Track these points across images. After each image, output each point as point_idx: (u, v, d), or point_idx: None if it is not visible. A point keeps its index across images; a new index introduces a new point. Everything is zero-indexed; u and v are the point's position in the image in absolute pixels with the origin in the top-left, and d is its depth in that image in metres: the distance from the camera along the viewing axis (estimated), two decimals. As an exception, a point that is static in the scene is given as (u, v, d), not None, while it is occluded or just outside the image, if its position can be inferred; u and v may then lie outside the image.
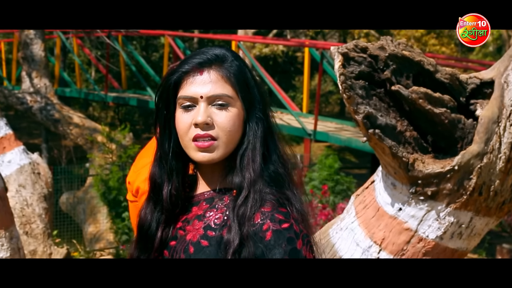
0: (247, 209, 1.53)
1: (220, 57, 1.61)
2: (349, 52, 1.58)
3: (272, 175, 1.60)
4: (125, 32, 13.46)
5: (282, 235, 1.50)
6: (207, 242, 1.56)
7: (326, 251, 2.24)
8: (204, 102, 1.57)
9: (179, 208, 1.66)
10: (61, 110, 11.08)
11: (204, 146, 1.56)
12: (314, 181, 9.96)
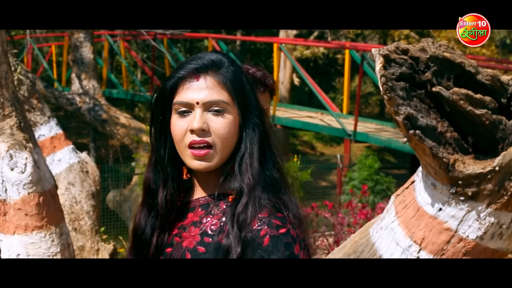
0: (247, 216, 1.50)
1: (217, 63, 1.58)
2: (390, 54, 1.56)
3: (268, 181, 1.57)
4: (170, 35, 13.55)
5: (279, 241, 1.48)
6: (204, 248, 1.54)
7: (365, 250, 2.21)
8: (200, 108, 1.54)
9: (174, 214, 1.64)
10: (109, 111, 11.19)
11: (201, 154, 1.53)
12: (354, 181, 9.93)
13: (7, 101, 3.66)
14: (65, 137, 6.58)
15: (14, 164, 3.64)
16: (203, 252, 1.53)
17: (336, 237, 7.93)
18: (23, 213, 3.67)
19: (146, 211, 1.65)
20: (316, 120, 11.87)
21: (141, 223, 1.65)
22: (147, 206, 1.65)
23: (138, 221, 1.66)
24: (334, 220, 8.12)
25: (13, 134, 3.66)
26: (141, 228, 1.65)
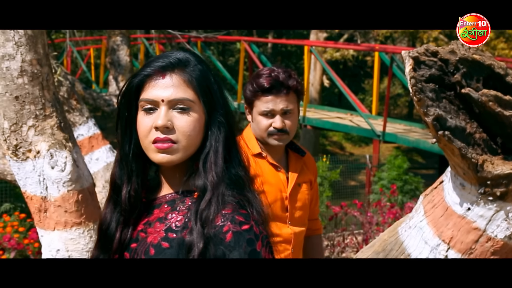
0: (210, 212, 1.47)
1: (183, 61, 1.56)
2: (420, 56, 1.55)
3: (233, 178, 1.55)
4: (204, 38, 13.60)
5: (242, 237, 1.45)
6: (167, 244, 1.51)
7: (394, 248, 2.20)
8: (165, 105, 1.52)
9: (137, 209, 1.61)
10: (144, 112, 11.26)
11: (164, 147, 1.51)
12: (383, 180, 9.88)
13: (48, 102, 3.70)
14: (102, 137, 6.64)
15: (55, 162, 3.68)
16: (166, 248, 1.51)
17: (365, 236, 7.90)
18: (63, 210, 3.71)
19: (111, 206, 1.63)
20: (345, 121, 11.83)
21: (107, 218, 1.63)
22: (112, 202, 1.63)
23: (104, 216, 1.64)
24: (363, 219, 8.09)
25: (53, 134, 3.71)
26: (106, 223, 1.63)
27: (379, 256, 2.05)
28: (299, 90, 2.70)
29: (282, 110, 2.66)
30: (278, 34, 26.44)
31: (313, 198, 2.88)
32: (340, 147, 26.02)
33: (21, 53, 3.58)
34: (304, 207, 2.77)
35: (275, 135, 2.69)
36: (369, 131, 10.79)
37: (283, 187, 2.74)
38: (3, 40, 3.58)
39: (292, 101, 2.68)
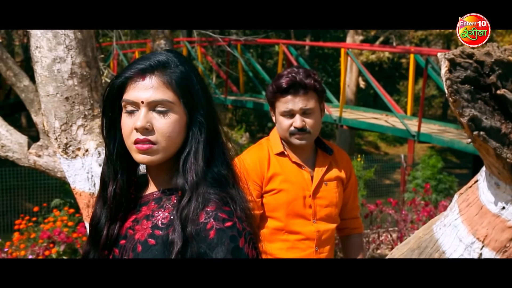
0: (190, 211, 1.45)
1: (163, 63, 1.53)
2: (455, 58, 1.53)
3: (216, 177, 1.53)
4: (244, 41, 13.62)
5: (225, 234, 1.43)
6: (154, 241, 1.50)
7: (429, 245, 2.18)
8: (145, 107, 1.50)
9: (123, 206, 1.61)
10: (186, 112, 11.32)
11: (143, 148, 1.50)
12: (417, 179, 9.81)
13: (96, 102, 3.75)
14: (146, 136, 6.70)
15: (102, 160, 3.72)
16: (153, 245, 1.50)
17: (400, 233, 7.85)
18: (109, 206, 3.76)
19: (101, 202, 1.63)
20: (381, 121, 11.75)
21: (97, 214, 1.63)
22: (102, 198, 1.63)
23: (94, 212, 1.64)
24: (397, 217, 8.05)
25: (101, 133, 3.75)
26: (96, 219, 1.62)
27: (414, 253, 2.04)
28: (318, 89, 2.66)
29: (301, 109, 2.64)
30: (315, 37, 26.36)
31: (349, 196, 2.85)
32: (375, 147, 25.86)
33: (71, 56, 3.63)
34: (332, 205, 2.73)
35: (296, 135, 2.67)
36: (404, 131, 10.69)
37: (306, 185, 2.71)
38: (54, 43, 3.64)
39: (311, 100, 2.65)
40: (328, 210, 2.72)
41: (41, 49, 3.65)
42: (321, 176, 2.73)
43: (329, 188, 2.73)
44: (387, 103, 11.34)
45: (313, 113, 2.66)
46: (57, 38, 3.65)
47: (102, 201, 1.62)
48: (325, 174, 2.74)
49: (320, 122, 2.72)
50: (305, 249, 2.71)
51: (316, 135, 2.71)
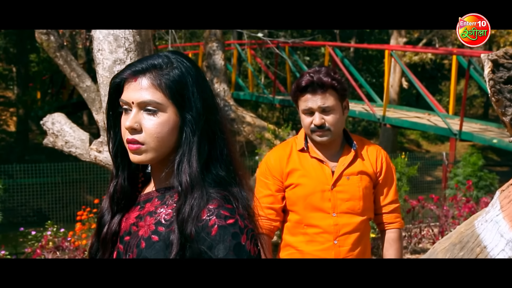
0: (185, 213, 1.41)
1: (157, 66, 1.49)
2: (498, 59, 1.51)
3: (215, 179, 1.47)
4: (292, 43, 13.61)
5: (227, 231, 1.40)
6: (157, 237, 1.46)
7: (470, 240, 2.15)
8: (136, 107, 1.47)
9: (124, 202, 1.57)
10: (236, 111, 11.38)
11: (133, 148, 1.47)
12: (458, 176, 9.67)
13: (152, 101, 3.79)
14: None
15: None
16: (156, 241, 1.46)
17: (441, 228, 7.77)
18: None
19: (108, 198, 1.60)
20: (423, 120, 11.59)
21: (103, 208, 1.59)
22: (108, 194, 1.60)
23: (101, 207, 1.61)
24: (439, 212, 7.96)
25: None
26: (101, 213, 1.59)
27: (456, 247, 2.02)
28: (337, 87, 2.64)
29: (319, 107, 2.63)
30: (360, 39, 26.18)
31: (382, 191, 2.76)
32: (417, 145, 25.58)
33: (131, 58, 3.67)
34: (355, 199, 2.68)
35: (316, 132, 2.67)
36: (446, 129, 10.53)
37: (325, 179, 2.69)
38: (115, 46, 3.69)
39: (330, 98, 2.64)
40: (350, 203, 2.68)
41: (102, 52, 3.71)
42: (342, 170, 2.70)
43: (351, 182, 2.69)
44: (430, 103, 11.18)
45: (333, 111, 2.65)
46: (117, 41, 3.71)
47: (108, 196, 1.59)
48: (347, 168, 2.70)
49: (341, 119, 2.69)
50: (324, 242, 2.69)
51: (337, 131, 2.69)
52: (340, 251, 2.67)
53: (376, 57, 26.72)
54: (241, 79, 17.68)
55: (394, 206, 2.77)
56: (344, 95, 2.68)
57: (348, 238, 2.67)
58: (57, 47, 8.00)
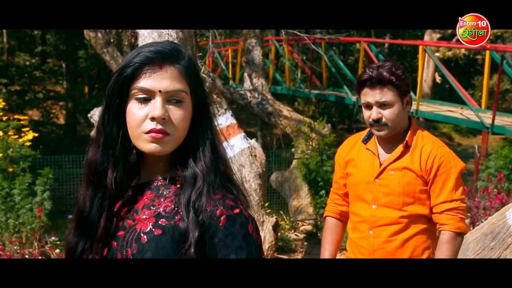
0: (202, 201, 1.36)
1: (179, 54, 1.42)
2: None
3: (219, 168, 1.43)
4: (328, 39, 13.54)
5: (235, 220, 1.36)
6: (160, 230, 1.37)
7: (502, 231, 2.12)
8: (162, 96, 1.37)
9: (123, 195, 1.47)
10: (274, 105, 11.37)
11: (158, 137, 1.36)
12: (490, 169, 9.50)
13: (193, 95, 3.82)
14: (238, 126, 6.78)
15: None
16: (160, 234, 1.37)
17: (472, 219, 7.66)
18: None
19: (91, 192, 1.45)
20: (456, 114, 11.43)
21: (86, 204, 1.45)
22: (92, 188, 1.45)
23: (83, 203, 1.45)
24: (470, 204, 7.85)
25: (198, 122, 3.82)
26: (86, 209, 1.45)
27: (487, 237, 1.99)
28: (395, 83, 2.58)
29: (377, 102, 2.60)
30: (394, 35, 25.87)
31: (434, 191, 2.62)
32: (449, 138, 25.25)
33: (173, 53, 3.70)
34: (394, 194, 2.61)
35: (374, 126, 2.64)
36: (478, 123, 10.37)
37: (372, 172, 2.67)
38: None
39: (388, 93, 2.59)
40: (390, 198, 2.62)
41: (147, 48, 3.75)
42: (387, 165, 2.65)
43: (394, 176, 2.63)
44: (462, 97, 11.02)
45: (390, 106, 2.60)
46: (161, 37, 3.74)
47: (93, 191, 1.45)
48: (393, 163, 2.65)
49: (400, 115, 2.63)
50: (363, 231, 2.68)
51: (395, 126, 2.63)
52: (374, 241, 2.65)
53: (410, 52, 26.40)
54: (278, 74, 17.65)
55: (448, 207, 2.60)
56: (405, 91, 2.63)
57: (384, 231, 2.64)
58: (104, 44, 8.11)
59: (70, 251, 1.47)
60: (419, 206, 2.63)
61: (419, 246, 2.64)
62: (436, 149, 2.64)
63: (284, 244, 7.84)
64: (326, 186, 8.41)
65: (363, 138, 2.78)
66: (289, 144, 10.85)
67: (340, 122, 24.73)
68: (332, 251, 2.84)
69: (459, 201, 2.60)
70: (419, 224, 2.64)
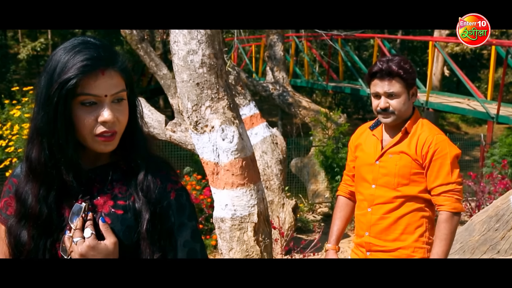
0: (149, 180, 1.39)
1: (114, 55, 1.37)
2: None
3: (151, 149, 1.47)
4: (344, 35, 13.45)
5: (183, 193, 1.43)
6: (121, 210, 1.38)
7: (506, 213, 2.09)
8: (108, 100, 1.33)
9: (86, 184, 1.39)
10: (293, 96, 11.34)
11: (110, 140, 1.34)
12: (494, 156, 9.41)
13: (221, 87, 3.82)
14: (260, 116, 6.77)
15: (225, 135, 3.80)
16: (122, 214, 1.37)
17: (478, 202, 7.60)
18: (231, 173, 3.83)
19: (43, 192, 1.37)
20: (463, 105, 11.31)
21: (39, 205, 1.37)
22: (45, 187, 1.37)
23: (35, 204, 1.37)
24: (476, 188, 7.79)
25: (224, 112, 3.82)
26: (42, 210, 1.36)
27: (492, 219, 1.97)
28: (403, 76, 2.60)
29: (385, 93, 2.62)
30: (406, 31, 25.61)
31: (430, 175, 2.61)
32: (457, 127, 25.03)
33: (202, 48, 3.71)
34: (391, 175, 2.63)
35: (382, 114, 2.66)
36: (484, 113, 10.26)
37: (374, 155, 2.71)
38: (189, 38, 3.73)
39: (396, 85, 2.61)
40: (387, 178, 2.65)
41: (178, 43, 3.75)
42: (387, 149, 2.68)
43: (392, 159, 2.65)
44: (469, 89, 10.90)
45: (398, 96, 2.62)
46: (191, 34, 3.74)
47: (45, 190, 1.37)
48: (392, 147, 2.67)
49: (406, 105, 2.64)
50: (363, 209, 2.74)
51: (401, 115, 2.65)
52: (371, 218, 2.69)
53: (420, 47, 26.13)
54: (298, 68, 17.56)
55: (444, 189, 2.59)
56: (412, 84, 2.65)
57: (380, 208, 2.67)
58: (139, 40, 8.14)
59: (31, 252, 1.38)
60: (413, 187, 2.64)
61: (412, 224, 2.64)
62: (432, 136, 2.65)
63: (302, 225, 7.85)
64: (342, 171, 8.35)
65: (370, 126, 2.83)
66: (308, 132, 10.81)
67: (355, 113, 24.60)
68: (340, 226, 2.91)
69: (455, 184, 2.60)
70: (413, 203, 2.64)
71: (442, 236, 2.55)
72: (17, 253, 1.40)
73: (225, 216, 3.90)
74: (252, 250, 3.88)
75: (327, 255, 2.86)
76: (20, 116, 7.27)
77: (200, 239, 1.45)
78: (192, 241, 1.42)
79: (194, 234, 1.43)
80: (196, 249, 1.43)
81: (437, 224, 2.63)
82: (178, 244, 1.41)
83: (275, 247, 6.11)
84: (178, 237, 1.41)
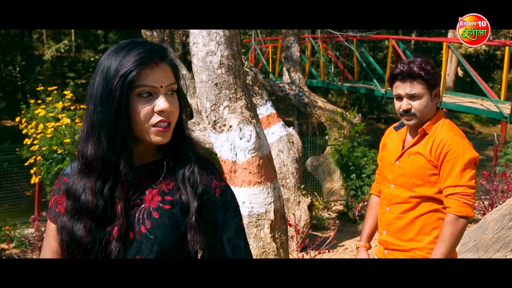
0: (195, 176, 1.40)
1: (165, 50, 1.41)
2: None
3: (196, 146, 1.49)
4: (359, 36, 13.39)
5: (227, 189, 1.46)
6: (169, 205, 1.39)
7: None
8: (163, 90, 1.36)
9: (136, 180, 1.40)
10: (309, 96, 11.31)
11: (166, 130, 1.36)
12: (508, 155, 9.29)
13: (238, 87, 3.82)
14: (277, 116, 6.77)
15: (243, 134, 3.80)
16: (169, 208, 1.39)
17: (491, 201, 7.52)
18: (248, 172, 3.83)
19: (100, 185, 1.38)
20: (476, 105, 11.20)
21: (95, 199, 1.37)
22: (101, 181, 1.38)
23: (92, 199, 1.37)
24: (489, 187, 7.71)
25: (242, 112, 3.82)
26: (99, 204, 1.37)
27: (506, 218, 1.95)
28: (424, 77, 2.55)
29: (407, 94, 2.58)
30: (420, 33, 25.42)
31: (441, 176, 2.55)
32: (470, 127, 24.82)
33: (221, 50, 3.71)
34: (406, 175, 2.60)
35: (404, 116, 2.62)
36: (497, 113, 10.15)
37: (395, 155, 2.69)
38: (208, 40, 3.74)
39: (418, 87, 2.56)
40: (404, 179, 2.61)
41: (197, 45, 3.76)
42: (406, 149, 2.65)
43: (409, 160, 2.62)
44: (483, 89, 10.79)
45: (419, 98, 2.57)
46: (210, 35, 3.75)
47: (101, 184, 1.37)
48: (410, 148, 2.64)
49: (429, 106, 2.59)
50: (383, 207, 2.72)
51: (423, 116, 2.60)
52: (389, 217, 2.67)
53: (434, 48, 25.94)
54: (313, 68, 17.52)
55: (452, 191, 2.52)
56: (434, 85, 2.59)
57: (397, 208, 2.64)
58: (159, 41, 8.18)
59: (86, 248, 1.37)
60: (428, 188, 2.58)
61: (428, 225, 2.59)
62: (448, 137, 2.56)
63: (318, 222, 7.82)
64: (356, 170, 8.34)
65: (395, 126, 2.80)
66: (323, 132, 10.78)
67: (369, 112, 24.48)
68: (371, 224, 2.88)
69: (465, 187, 2.51)
70: (429, 204, 2.59)
71: (442, 238, 2.49)
72: (72, 248, 1.39)
73: (242, 213, 3.91)
74: (269, 247, 3.88)
75: (357, 252, 2.83)
76: (44, 115, 7.32)
77: (243, 236, 1.47)
78: (236, 237, 1.44)
79: (238, 231, 1.45)
80: (240, 245, 1.45)
81: (442, 224, 2.56)
82: (223, 240, 1.43)
83: (291, 244, 6.10)
84: (222, 233, 1.43)
